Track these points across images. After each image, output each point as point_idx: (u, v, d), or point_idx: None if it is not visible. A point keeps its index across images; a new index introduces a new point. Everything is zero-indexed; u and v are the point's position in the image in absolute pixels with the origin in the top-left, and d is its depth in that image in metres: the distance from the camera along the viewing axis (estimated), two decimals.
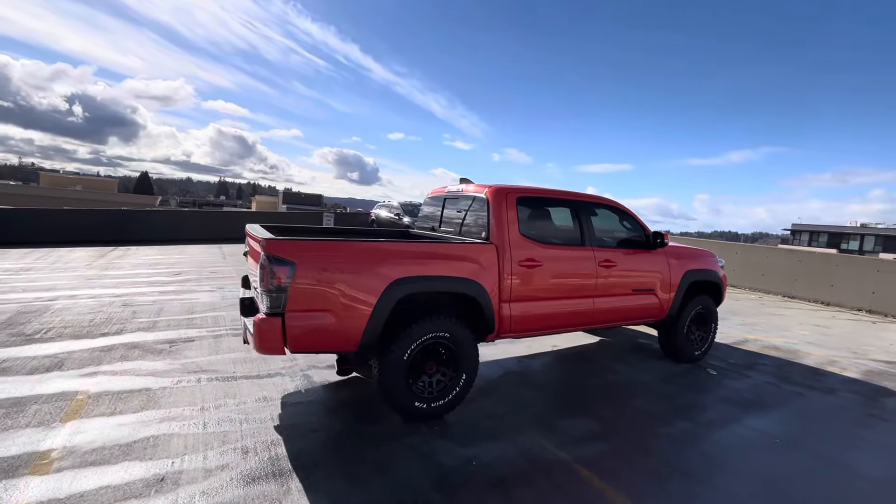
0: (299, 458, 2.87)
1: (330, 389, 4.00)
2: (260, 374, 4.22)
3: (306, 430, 3.25)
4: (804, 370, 5.26)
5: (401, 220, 16.91)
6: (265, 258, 2.93)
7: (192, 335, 5.25)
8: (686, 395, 4.31)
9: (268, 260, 2.92)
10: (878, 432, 3.77)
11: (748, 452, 3.30)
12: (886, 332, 7.52)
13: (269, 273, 2.91)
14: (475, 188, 4.25)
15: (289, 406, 3.61)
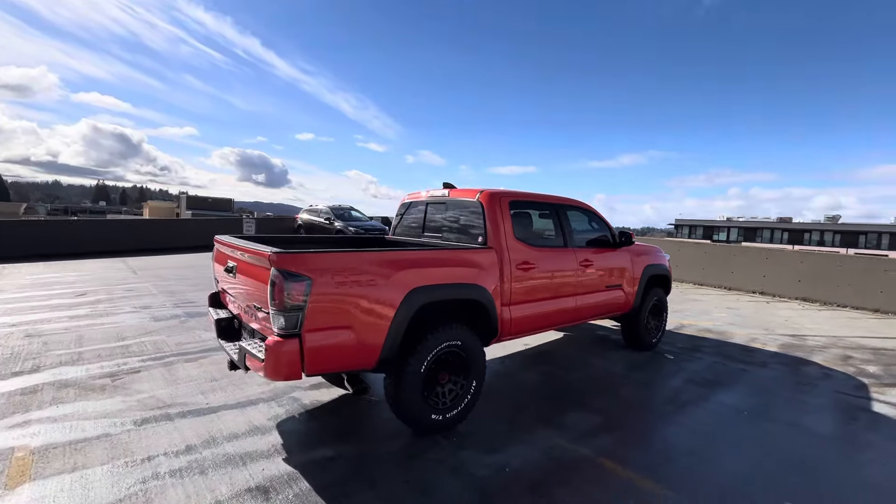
0: (329, 491, 2.63)
1: (326, 411, 3.72)
2: (240, 401, 3.79)
3: (321, 458, 2.98)
4: (738, 348, 6.03)
5: (332, 225, 16.26)
6: (277, 274, 2.64)
7: (134, 365, 4.54)
8: (659, 381, 4.71)
9: (281, 276, 2.64)
10: (814, 396, 4.44)
11: (729, 426, 3.70)
12: (779, 310, 8.89)
13: (282, 290, 2.63)
14: (465, 192, 4.23)
15: (289, 434, 3.29)
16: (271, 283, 2.67)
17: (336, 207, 17.21)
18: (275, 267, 2.67)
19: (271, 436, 3.25)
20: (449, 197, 4.36)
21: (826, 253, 10.57)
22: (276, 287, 2.65)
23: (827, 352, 6.05)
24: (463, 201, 4.18)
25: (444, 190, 4.45)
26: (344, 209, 17.38)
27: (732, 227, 62.84)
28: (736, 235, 61.92)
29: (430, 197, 4.59)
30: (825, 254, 10.18)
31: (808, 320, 8.05)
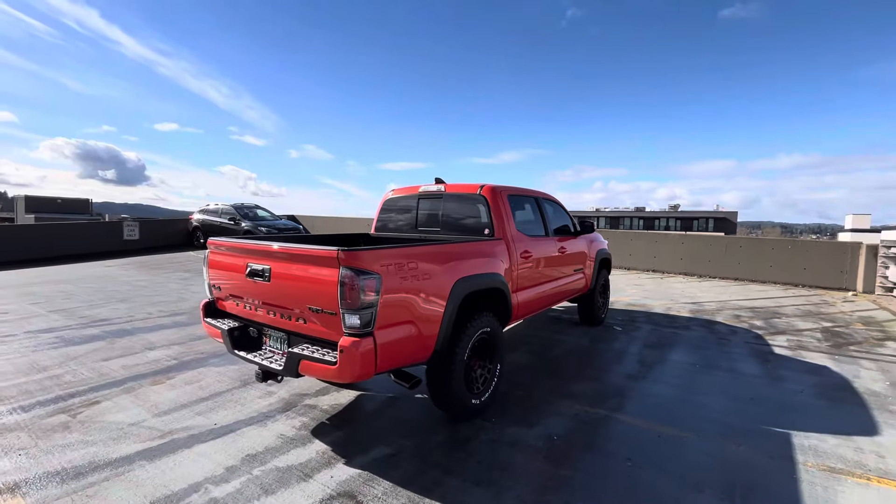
0: (414, 483, 2.65)
1: (352, 413, 3.62)
2: (252, 416, 3.48)
3: (383, 456, 2.95)
4: (662, 317, 7.16)
5: (238, 226, 14.92)
6: (349, 273, 2.56)
7: (86, 396, 3.84)
8: (622, 348, 5.43)
9: (353, 274, 2.56)
10: (733, 347, 5.55)
11: (691, 377, 4.49)
12: (672, 284, 10.64)
13: (355, 289, 2.55)
14: (464, 187, 4.39)
15: (332, 440, 3.16)
16: (341, 282, 2.57)
17: (240, 206, 15.77)
18: (344, 266, 2.58)
19: (314, 444, 3.09)
20: (446, 192, 4.47)
21: (698, 236, 12.86)
22: (347, 286, 2.56)
23: (722, 313, 7.51)
24: (464, 195, 4.34)
25: (439, 185, 4.55)
26: (248, 208, 16.01)
27: (600, 216, 71.72)
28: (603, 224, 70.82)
29: (423, 192, 4.64)
30: (698, 237, 12.41)
31: (697, 290, 9.80)
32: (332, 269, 2.62)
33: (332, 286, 2.61)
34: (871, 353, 5.39)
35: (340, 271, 2.58)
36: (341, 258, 2.58)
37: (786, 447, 3.14)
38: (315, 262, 2.71)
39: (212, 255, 3.51)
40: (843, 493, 2.63)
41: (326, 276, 2.64)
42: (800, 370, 4.76)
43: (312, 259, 2.72)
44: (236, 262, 3.23)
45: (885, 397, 4.05)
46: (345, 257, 2.58)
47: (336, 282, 2.59)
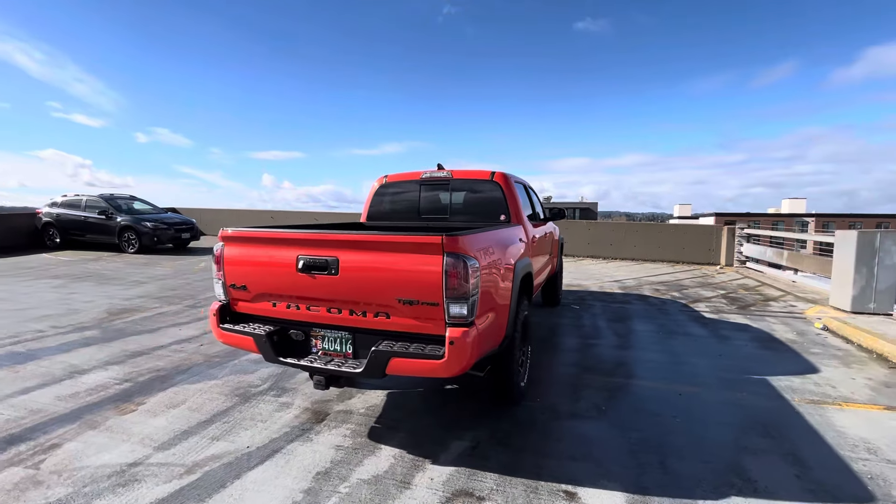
0: (520, 469, 2.60)
1: (393, 410, 3.38)
2: (286, 431, 3.04)
3: (467, 447, 2.83)
4: (602, 294, 7.96)
5: (112, 221, 12.50)
6: (454, 259, 2.39)
7: (37, 441, 2.95)
8: (593, 324, 5.92)
9: (461, 261, 2.40)
10: (674, 314, 6.46)
11: (664, 342, 5.12)
12: (588, 265, 11.85)
13: (461, 276, 2.40)
14: (474, 173, 4.33)
15: (399, 443, 2.92)
16: (446, 270, 2.39)
17: (110, 198, 13.15)
18: (448, 252, 2.40)
19: (383, 450, 2.83)
20: (454, 178, 4.37)
21: (603, 223, 14.50)
22: (453, 274, 2.39)
23: (643, 288, 8.64)
24: (477, 181, 4.29)
25: (443, 171, 4.42)
26: (122, 199, 13.44)
27: None
28: None
29: (427, 178, 4.46)
30: (603, 224, 14.01)
31: (611, 270, 11.09)
32: (435, 255, 2.42)
33: (434, 275, 2.41)
34: (767, 312, 6.75)
35: (444, 258, 2.40)
36: (445, 244, 2.40)
37: (771, 389, 3.81)
38: (412, 249, 2.46)
39: (230, 248, 2.94)
40: (832, 416, 3.31)
41: (426, 264, 2.43)
42: (732, 329, 5.75)
43: (408, 246, 2.47)
44: (278, 255, 2.76)
45: (801, 344, 5.14)
46: (448, 243, 2.40)
47: (440, 270, 2.40)
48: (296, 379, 3.98)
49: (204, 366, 4.29)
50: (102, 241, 12.53)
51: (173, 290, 7.83)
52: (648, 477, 2.55)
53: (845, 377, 4.08)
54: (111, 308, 6.51)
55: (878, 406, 3.50)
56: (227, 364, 4.35)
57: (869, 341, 4.89)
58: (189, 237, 13.23)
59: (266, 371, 4.17)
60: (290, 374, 4.07)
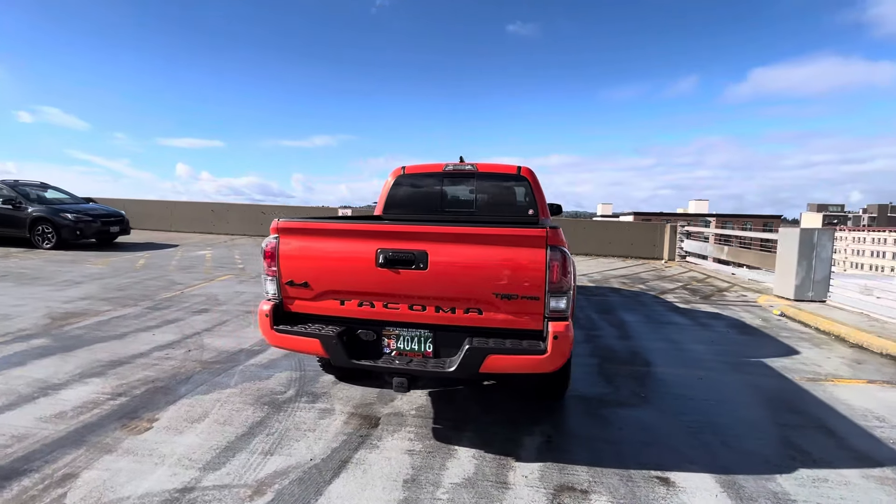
0: (606, 459, 2.63)
1: (445, 410, 3.26)
2: (346, 441, 2.81)
3: (543, 444, 2.81)
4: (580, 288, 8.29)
5: (23, 212, 10.80)
6: (557, 252, 2.35)
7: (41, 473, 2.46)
8: (588, 316, 6.15)
9: (561, 254, 2.37)
10: (651, 305, 6.91)
11: (658, 331, 5.45)
12: None
13: (563, 269, 2.37)
14: (499, 167, 4.29)
15: (476, 444, 2.82)
16: (549, 263, 2.34)
17: (16, 184, 11.30)
18: (551, 245, 2.35)
19: (459, 451, 2.71)
20: (479, 171, 4.29)
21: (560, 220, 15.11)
22: (555, 267, 2.35)
23: (610, 281, 9.15)
24: (503, 175, 4.25)
25: (468, 164, 4.33)
26: (31, 186, 11.61)
27: None
28: None
29: (449, 170, 4.33)
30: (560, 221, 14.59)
31: None
32: (538, 249, 2.36)
33: (538, 268, 2.35)
34: (726, 301, 7.45)
35: (548, 251, 2.35)
36: (550, 237, 2.35)
37: (770, 370, 4.22)
38: (514, 242, 2.37)
39: (287, 241, 2.63)
40: (832, 391, 3.74)
41: (528, 257, 2.36)
42: (707, 317, 6.28)
43: (510, 239, 2.37)
44: (352, 249, 2.52)
45: (771, 329, 5.74)
46: (552, 236, 2.36)
47: (543, 263, 2.35)
48: (321, 383, 3.70)
49: (206, 373, 3.84)
50: (8, 234, 10.73)
51: (121, 291, 6.93)
52: (722, 457, 2.71)
53: (821, 357, 4.63)
54: (52, 312, 5.60)
55: (861, 380, 4.02)
56: (233, 370, 3.93)
57: (825, 325, 5.59)
58: (118, 231, 11.77)
59: (283, 376, 3.83)
60: (311, 378, 3.78)
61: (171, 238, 14.23)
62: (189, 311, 5.91)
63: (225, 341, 4.71)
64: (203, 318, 5.59)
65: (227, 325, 5.32)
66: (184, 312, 5.82)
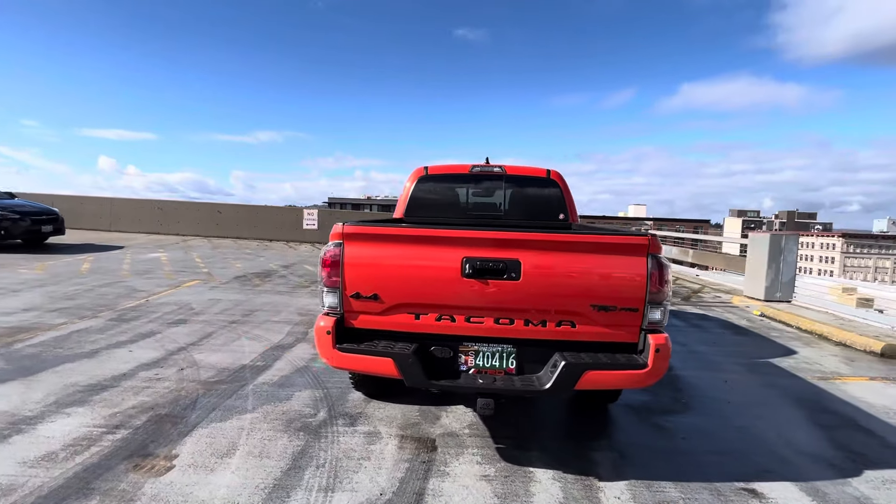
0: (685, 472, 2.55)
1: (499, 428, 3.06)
2: (413, 470, 2.54)
3: (614, 461, 2.68)
4: None
5: None
6: (657, 260, 2.24)
7: None
8: None
9: (660, 263, 2.26)
10: None
11: None
12: None
13: (663, 278, 2.27)
14: (528, 169, 4.14)
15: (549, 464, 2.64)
16: (651, 273, 2.22)
17: None
18: (653, 253, 2.23)
19: (537, 474, 2.52)
20: (507, 173, 4.12)
21: None
22: (655, 277, 2.24)
23: None
24: (534, 178, 4.11)
25: (495, 165, 4.14)
26: None
27: (373, 203, 75.24)
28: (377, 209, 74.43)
29: (476, 171, 4.12)
30: None
31: None
32: (639, 257, 2.23)
33: (639, 278, 2.22)
34: (705, 302, 7.81)
35: (649, 260, 2.23)
36: (651, 245, 2.23)
37: (781, 370, 4.40)
38: (614, 250, 2.22)
39: (354, 247, 2.31)
40: (846, 389, 3.94)
41: (629, 266, 2.22)
42: (697, 318, 6.53)
43: (610, 247, 2.22)
44: (433, 257, 2.26)
45: (759, 329, 6.05)
46: (653, 244, 2.24)
47: (644, 272, 2.22)
48: (351, 402, 3.37)
49: (212, 396, 3.38)
50: None
51: (71, 300, 6.07)
52: (791, 463, 2.72)
53: (817, 355, 4.92)
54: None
55: (863, 378, 4.29)
56: (243, 391, 3.49)
57: (806, 324, 5.98)
58: (51, 231, 10.42)
59: (304, 395, 3.45)
60: (338, 397, 3.43)
61: (113, 239, 12.82)
62: (163, 322, 5.26)
63: (219, 357, 4.21)
64: (183, 330, 4.99)
65: (214, 338, 4.78)
66: (158, 324, 5.17)
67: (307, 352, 4.44)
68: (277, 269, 9.50)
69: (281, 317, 5.73)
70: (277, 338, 4.87)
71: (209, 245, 12.75)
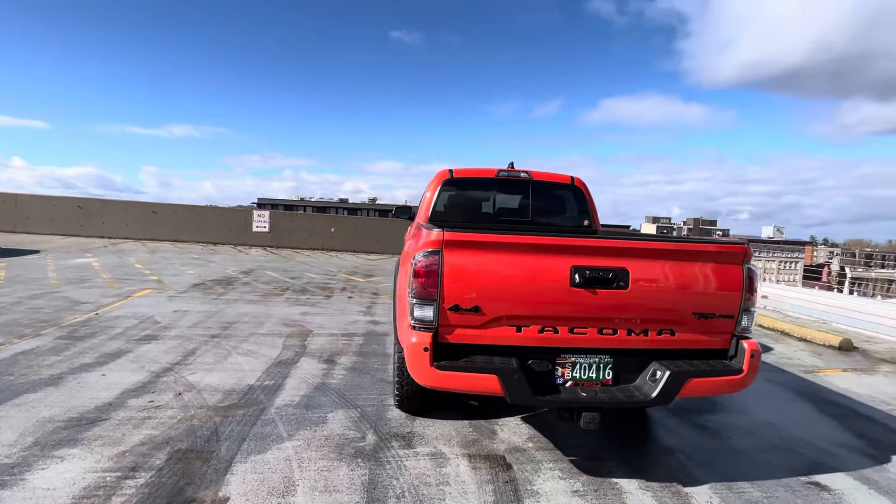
0: (752, 470, 2.64)
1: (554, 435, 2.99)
2: (501, 492, 2.38)
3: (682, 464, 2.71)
4: None
5: None
6: (752, 268, 2.31)
7: None
8: None
9: (754, 270, 2.33)
10: None
11: None
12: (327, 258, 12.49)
13: (755, 286, 2.33)
14: (552, 175, 4.13)
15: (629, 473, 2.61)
16: (747, 281, 2.27)
17: None
18: (746, 262, 2.28)
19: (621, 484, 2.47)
20: (533, 178, 4.07)
21: None
22: (750, 284, 2.29)
23: None
24: (558, 184, 4.10)
25: (521, 170, 4.08)
26: None
27: (307, 205, 72.44)
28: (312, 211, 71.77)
29: (503, 176, 4.02)
30: None
31: None
32: (736, 265, 2.27)
33: (737, 285, 2.26)
34: None
35: (744, 268, 2.28)
36: (747, 254, 2.28)
37: (768, 364, 4.78)
38: (714, 258, 2.24)
39: (455, 256, 2.11)
40: (832, 381, 4.37)
41: (727, 274, 2.25)
42: None
43: (711, 255, 2.23)
44: (541, 266, 2.12)
45: None
46: (748, 252, 2.29)
47: (741, 280, 2.27)
48: (395, 421, 3.11)
49: (234, 424, 2.96)
50: None
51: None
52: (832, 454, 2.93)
53: (790, 351, 5.44)
54: None
55: (837, 370, 4.80)
56: (266, 416, 3.10)
57: (768, 322, 6.60)
58: None
59: (339, 416, 3.14)
60: (377, 416, 3.16)
61: (24, 242, 11.03)
62: (128, 339, 4.58)
63: (218, 378, 3.72)
64: (158, 348, 4.37)
65: (200, 355, 4.23)
66: (123, 342, 4.48)
67: (316, 367, 4.08)
68: (238, 276, 8.72)
69: (266, 329, 5.23)
70: (273, 352, 4.42)
71: (145, 249, 11.38)
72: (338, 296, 7.42)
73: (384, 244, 14.71)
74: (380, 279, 9.65)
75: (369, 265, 12.25)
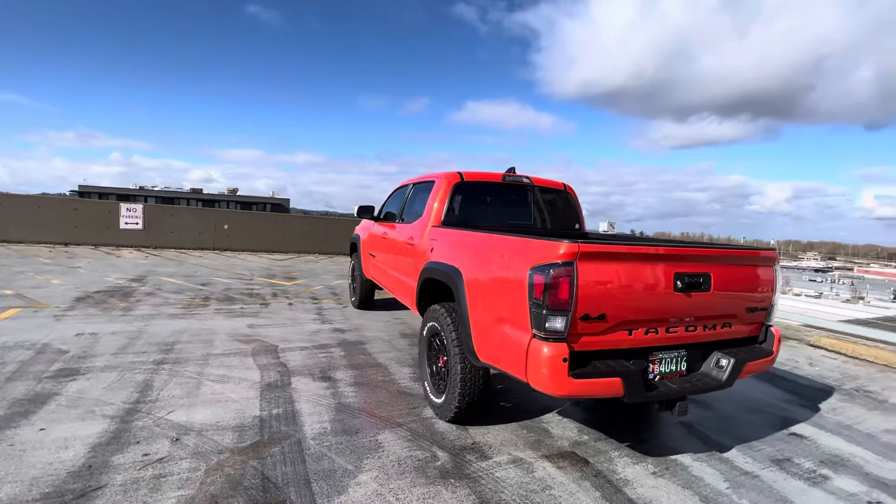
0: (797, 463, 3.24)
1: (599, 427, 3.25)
2: (609, 493, 2.51)
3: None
4: None
5: None
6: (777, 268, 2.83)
7: None
8: None
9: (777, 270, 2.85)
10: None
11: None
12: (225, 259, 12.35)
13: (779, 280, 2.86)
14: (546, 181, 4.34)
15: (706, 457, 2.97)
16: (776, 279, 2.78)
17: None
18: (777, 264, 2.80)
19: (693, 468, 2.83)
20: (533, 183, 4.23)
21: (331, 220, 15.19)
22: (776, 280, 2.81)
23: None
24: (554, 189, 4.33)
25: (522, 175, 4.21)
26: None
27: (148, 195, 61.82)
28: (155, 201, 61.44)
29: (508, 180, 4.09)
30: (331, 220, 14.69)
31: None
32: (770, 267, 2.76)
33: (770, 283, 2.76)
34: None
35: (775, 269, 2.79)
36: (777, 258, 2.79)
37: None
38: (760, 261, 2.69)
39: (587, 266, 2.13)
40: None
41: (766, 274, 2.74)
42: None
43: (760, 259, 2.68)
44: (652, 273, 2.28)
45: None
46: (777, 257, 2.81)
47: (773, 278, 2.77)
48: (449, 434, 3.01)
49: (279, 465, 2.55)
50: None
51: None
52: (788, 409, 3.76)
53: None
54: None
55: None
56: (312, 451, 2.72)
57: None
58: None
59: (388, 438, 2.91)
60: (429, 433, 3.01)
61: None
62: (38, 378, 3.50)
63: (208, 413, 3.10)
64: (93, 385, 3.43)
65: (160, 389, 3.44)
66: (32, 382, 3.41)
67: (316, 387, 3.66)
68: (131, 285, 7.13)
69: (222, 348, 4.46)
70: (253, 375, 3.83)
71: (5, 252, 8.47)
72: (274, 303, 6.64)
73: (287, 243, 13.35)
74: (306, 282, 8.87)
75: (280, 266, 11.13)
